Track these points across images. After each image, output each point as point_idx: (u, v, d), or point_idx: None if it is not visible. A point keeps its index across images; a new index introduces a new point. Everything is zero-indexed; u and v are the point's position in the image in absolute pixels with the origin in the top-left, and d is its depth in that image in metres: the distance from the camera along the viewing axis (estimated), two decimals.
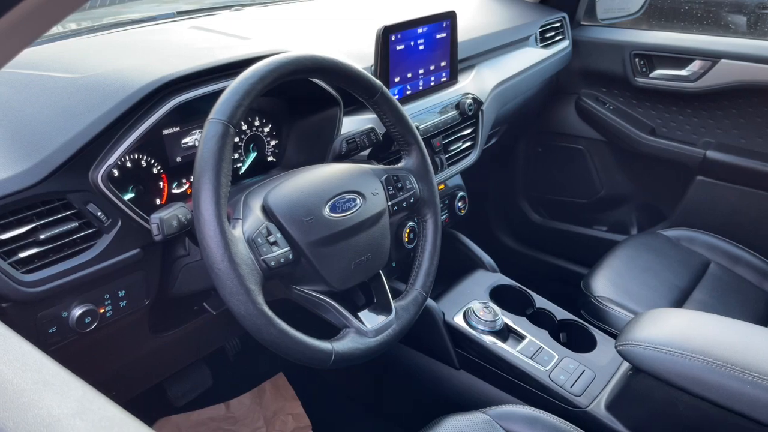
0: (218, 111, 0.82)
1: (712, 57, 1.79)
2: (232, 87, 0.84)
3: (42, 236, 0.82)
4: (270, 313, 0.80)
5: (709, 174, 1.87)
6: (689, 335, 1.06)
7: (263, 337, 0.81)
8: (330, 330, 0.92)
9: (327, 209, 0.91)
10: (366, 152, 1.20)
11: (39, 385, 0.55)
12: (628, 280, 1.54)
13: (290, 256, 0.86)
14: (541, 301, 1.45)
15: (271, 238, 0.85)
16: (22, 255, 0.80)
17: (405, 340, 1.41)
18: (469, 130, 1.48)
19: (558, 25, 1.95)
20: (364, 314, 0.95)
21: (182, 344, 1.23)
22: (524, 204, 2.28)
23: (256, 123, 1.17)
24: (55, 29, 1.24)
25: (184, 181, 1.05)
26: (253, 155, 1.17)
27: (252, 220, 0.86)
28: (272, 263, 0.84)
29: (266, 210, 0.88)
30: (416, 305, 1.02)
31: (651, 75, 1.92)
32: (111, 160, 0.87)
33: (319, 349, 0.85)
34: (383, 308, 0.97)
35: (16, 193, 0.79)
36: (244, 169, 1.17)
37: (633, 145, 1.97)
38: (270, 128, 1.19)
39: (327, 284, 0.91)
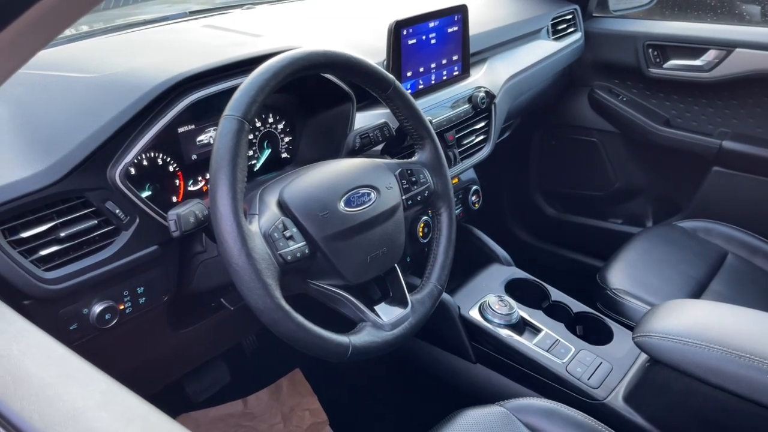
0: (233, 107, 0.82)
1: (727, 46, 1.77)
2: (247, 83, 0.84)
3: (62, 234, 0.83)
4: (287, 307, 0.81)
5: (725, 164, 1.85)
6: (707, 325, 1.05)
7: (281, 331, 0.82)
8: (347, 324, 0.93)
9: (342, 204, 0.92)
10: (379, 147, 1.20)
11: (63, 378, 0.56)
12: (644, 272, 1.53)
13: (306, 251, 0.87)
14: (556, 294, 1.44)
15: (288, 233, 0.86)
16: (43, 253, 0.82)
17: (421, 334, 1.41)
18: (482, 124, 1.48)
19: (570, 17, 1.94)
20: (381, 308, 0.95)
21: (200, 340, 1.24)
22: (538, 197, 2.27)
23: (270, 120, 1.17)
24: (68, 31, 1.26)
25: (200, 178, 1.06)
26: (267, 152, 1.18)
27: (268, 215, 0.87)
28: (289, 258, 0.84)
29: (282, 205, 0.89)
30: (432, 298, 1.02)
31: (665, 66, 1.90)
32: (128, 158, 0.88)
33: (337, 342, 0.86)
34: (399, 302, 0.98)
35: (36, 191, 0.80)
36: (258, 165, 1.17)
37: (647, 137, 1.96)
38: (283, 125, 1.20)
39: (343, 278, 0.91)
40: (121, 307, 0.93)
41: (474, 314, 1.34)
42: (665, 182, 2.05)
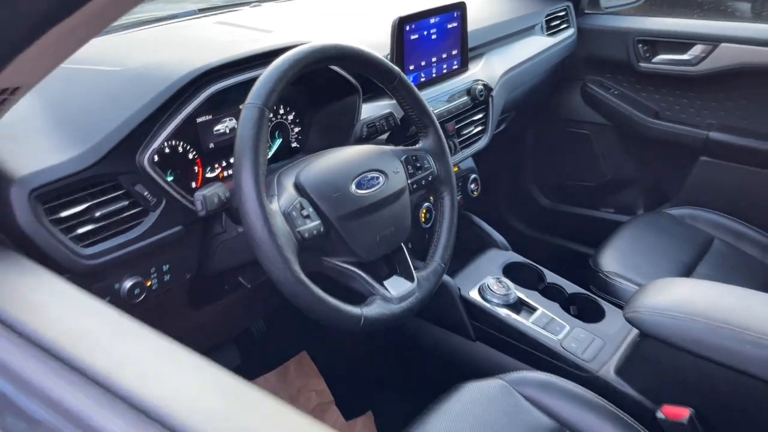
0: (254, 96, 0.89)
1: (713, 41, 1.85)
2: (266, 74, 0.91)
3: (97, 214, 0.90)
4: (306, 280, 0.88)
5: (712, 154, 1.93)
6: (692, 300, 1.13)
7: (299, 302, 0.89)
8: (357, 301, 0.99)
9: (353, 186, 0.99)
10: (384, 136, 1.27)
11: (119, 334, 0.63)
12: (635, 256, 1.61)
13: (321, 229, 0.94)
14: (551, 277, 1.52)
15: (305, 212, 0.93)
16: (81, 231, 0.88)
17: (424, 314, 1.48)
18: (480, 116, 1.56)
19: (563, 13, 2.02)
20: (389, 283, 1.02)
21: (215, 321, 1.31)
22: (533, 189, 2.34)
23: (281, 111, 1.24)
24: None
25: (217, 165, 1.13)
26: (278, 141, 1.25)
27: (286, 196, 0.94)
28: (306, 235, 0.91)
29: (298, 187, 0.96)
30: (436, 275, 1.10)
31: (654, 60, 1.98)
32: (155, 145, 0.95)
33: (351, 313, 0.93)
34: (406, 278, 1.05)
35: (73, 174, 0.87)
36: (270, 154, 1.24)
37: (638, 129, 2.04)
38: (293, 116, 1.27)
39: (355, 255, 0.98)
40: (149, 283, 1.00)
41: (474, 295, 1.42)
42: (655, 172, 2.13)
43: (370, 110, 1.27)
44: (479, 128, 1.56)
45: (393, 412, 1.65)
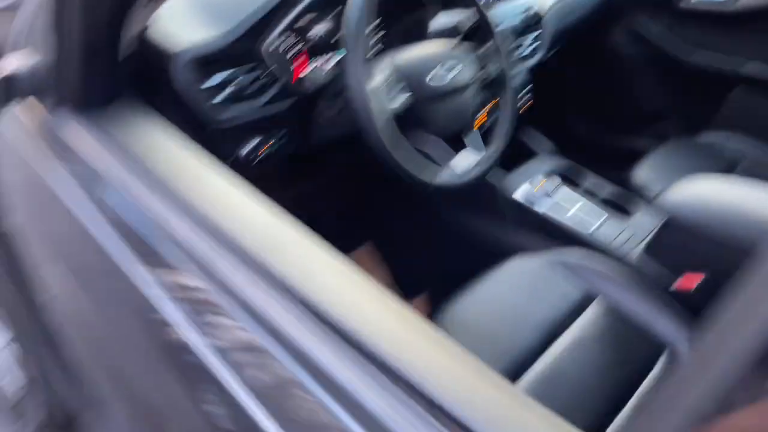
0: None
1: None
2: None
3: (232, 85, 1.13)
4: (396, 137, 1.11)
5: (745, 87, 2.08)
6: (718, 190, 1.31)
7: (386, 154, 1.11)
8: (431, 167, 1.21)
9: (436, 70, 1.21)
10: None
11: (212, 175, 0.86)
12: (667, 173, 1.79)
13: (408, 104, 1.16)
14: (590, 179, 1.72)
15: (396, 89, 1.15)
16: (220, 97, 1.12)
17: (473, 208, 1.70)
18: (535, 35, 1.74)
19: None
20: (457, 156, 1.25)
21: (300, 202, 1.55)
22: (573, 118, 2.51)
23: None
24: None
25: (318, 56, 1.33)
26: None
27: (381, 76, 1.16)
28: (396, 107, 1.14)
29: (392, 69, 1.18)
30: (493, 158, 1.32)
31: None
32: (275, 33, 1.18)
33: (427, 171, 1.16)
34: (471, 154, 1.27)
35: (216, 51, 1.10)
36: None
37: (676, 63, 2.19)
38: (375, 25, 1.47)
39: (432, 129, 1.21)
40: (263, 150, 1.23)
41: (518, 191, 1.63)
42: (690, 103, 2.28)
43: (440, 22, 1.47)
44: (533, 47, 1.75)
45: (447, 290, 1.88)
